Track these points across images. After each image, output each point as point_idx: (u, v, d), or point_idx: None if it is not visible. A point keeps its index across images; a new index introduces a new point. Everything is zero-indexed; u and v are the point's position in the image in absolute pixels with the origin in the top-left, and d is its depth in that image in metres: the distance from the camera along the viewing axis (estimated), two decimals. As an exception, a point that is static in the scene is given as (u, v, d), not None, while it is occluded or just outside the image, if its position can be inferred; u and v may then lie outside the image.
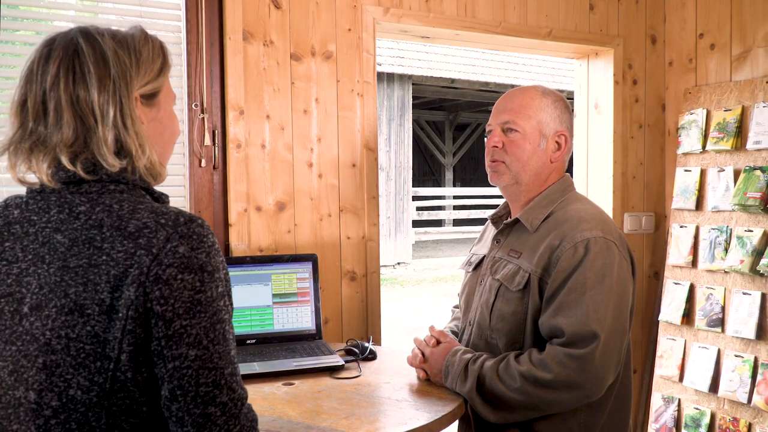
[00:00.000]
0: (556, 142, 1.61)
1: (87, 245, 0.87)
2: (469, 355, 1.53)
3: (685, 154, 2.73)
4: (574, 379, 1.38)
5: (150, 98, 0.99)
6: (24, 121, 0.93)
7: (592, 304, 1.41)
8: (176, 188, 2.06)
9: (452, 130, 15.99)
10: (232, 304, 0.97)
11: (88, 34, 0.94)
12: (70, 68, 0.91)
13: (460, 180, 18.70)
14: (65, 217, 0.90)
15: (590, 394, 1.41)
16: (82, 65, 0.92)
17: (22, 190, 0.98)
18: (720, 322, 2.50)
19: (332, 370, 1.70)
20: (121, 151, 0.93)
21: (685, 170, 2.71)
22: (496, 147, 1.61)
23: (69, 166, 0.91)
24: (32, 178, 0.96)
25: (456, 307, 1.92)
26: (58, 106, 0.91)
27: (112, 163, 0.91)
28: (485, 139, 1.68)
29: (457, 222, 15.05)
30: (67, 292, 0.86)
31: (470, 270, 1.74)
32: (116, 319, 0.85)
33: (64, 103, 0.91)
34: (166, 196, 1.02)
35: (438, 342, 1.63)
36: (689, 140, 2.70)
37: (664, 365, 2.68)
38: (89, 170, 0.92)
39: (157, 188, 1.01)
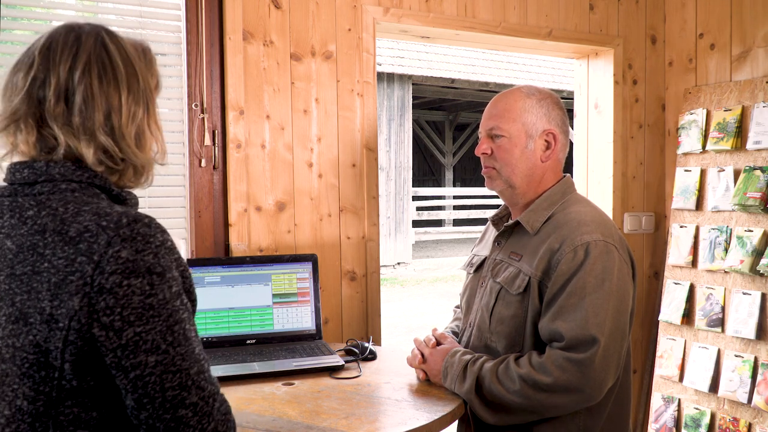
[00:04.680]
0: (545, 141, 1.60)
1: (31, 252, 0.85)
2: (468, 357, 1.53)
3: (685, 154, 2.73)
4: (573, 383, 1.38)
5: None
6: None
7: (592, 308, 1.40)
8: (176, 188, 2.06)
9: (452, 130, 15.99)
10: (193, 301, 0.94)
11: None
12: (97, 62, 0.92)
13: (460, 180, 18.71)
14: (15, 222, 0.88)
15: (589, 398, 1.41)
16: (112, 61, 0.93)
17: None
18: (720, 322, 2.50)
19: (332, 370, 1.70)
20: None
21: (685, 170, 2.71)
22: (485, 154, 1.62)
23: (92, 156, 0.91)
24: None
25: (458, 306, 1.91)
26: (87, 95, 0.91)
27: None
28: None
29: (457, 222, 15.05)
30: (14, 301, 0.84)
31: (471, 271, 1.74)
32: (56, 328, 0.82)
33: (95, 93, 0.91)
34: (132, 196, 0.98)
35: (438, 343, 1.63)
36: (689, 140, 2.70)
37: (664, 365, 2.68)
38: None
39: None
